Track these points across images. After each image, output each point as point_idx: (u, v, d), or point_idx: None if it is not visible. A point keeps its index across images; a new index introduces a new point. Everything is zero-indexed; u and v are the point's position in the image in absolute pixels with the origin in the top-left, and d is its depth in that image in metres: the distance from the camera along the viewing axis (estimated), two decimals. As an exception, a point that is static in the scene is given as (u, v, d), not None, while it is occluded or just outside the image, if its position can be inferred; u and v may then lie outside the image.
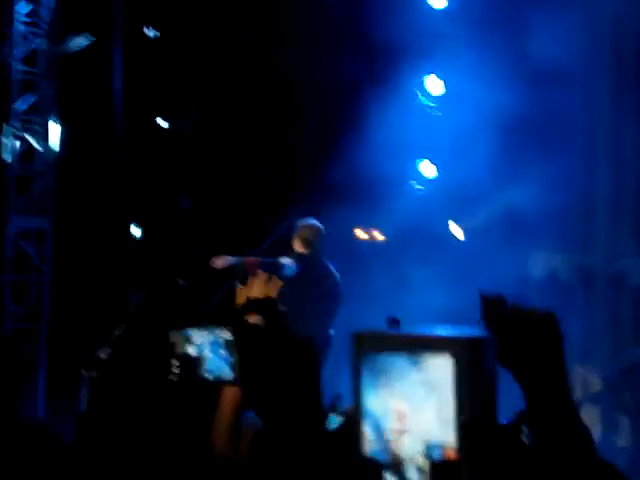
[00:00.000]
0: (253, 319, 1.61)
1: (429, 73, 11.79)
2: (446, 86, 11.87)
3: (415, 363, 1.31)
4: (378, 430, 1.32)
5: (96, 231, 11.11)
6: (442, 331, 1.35)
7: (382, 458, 1.29)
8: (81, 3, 10.96)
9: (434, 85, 11.86)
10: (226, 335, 1.74)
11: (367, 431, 1.31)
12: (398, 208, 11.87)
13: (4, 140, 10.24)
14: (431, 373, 1.31)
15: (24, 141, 10.51)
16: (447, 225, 12.18)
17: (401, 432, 1.35)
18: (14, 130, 10.36)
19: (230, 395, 2.19)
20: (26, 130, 10.49)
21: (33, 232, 10.49)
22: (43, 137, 10.58)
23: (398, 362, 1.31)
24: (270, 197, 11.37)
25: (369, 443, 1.30)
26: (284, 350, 1.53)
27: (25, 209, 10.42)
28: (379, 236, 12.95)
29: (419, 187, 12.30)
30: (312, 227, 8.16)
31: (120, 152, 10.78)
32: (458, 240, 12.13)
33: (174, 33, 11.59)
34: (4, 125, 10.24)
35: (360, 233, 12.94)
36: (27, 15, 10.52)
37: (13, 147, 10.29)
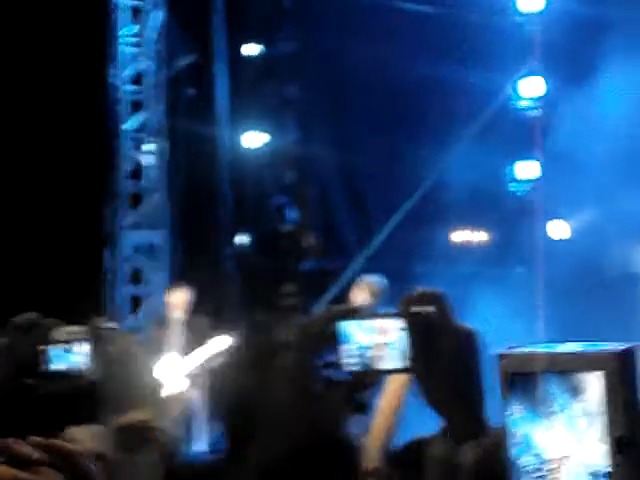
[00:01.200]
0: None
1: (526, 75, 11.74)
2: (546, 87, 11.78)
3: (573, 389, 1.26)
4: (536, 459, 1.30)
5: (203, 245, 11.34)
6: (592, 346, 1.30)
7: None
8: (184, 23, 11.19)
9: (533, 86, 11.80)
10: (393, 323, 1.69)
11: (523, 460, 1.21)
12: (499, 210, 11.82)
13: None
14: (590, 396, 1.26)
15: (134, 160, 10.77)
16: (548, 226, 12.07)
17: (561, 461, 1.29)
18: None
19: (398, 384, 2.22)
20: (136, 149, 10.74)
21: (146, 247, 10.73)
22: (152, 154, 10.82)
23: (554, 387, 1.21)
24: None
25: (526, 474, 1.20)
26: (452, 339, 1.51)
27: (137, 225, 10.68)
28: (478, 238, 12.90)
29: (519, 189, 12.24)
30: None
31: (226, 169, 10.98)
32: (561, 240, 12.02)
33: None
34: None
35: (459, 236, 12.91)
36: (133, 36, 10.77)
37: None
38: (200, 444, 9.55)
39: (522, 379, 1.20)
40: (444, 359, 1.55)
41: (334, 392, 1.64)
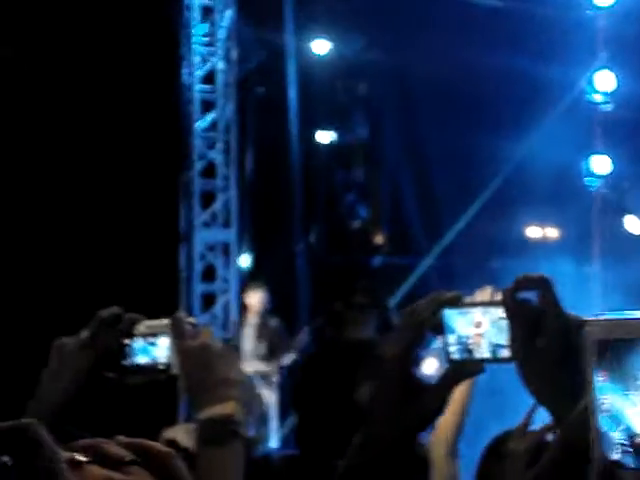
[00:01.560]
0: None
1: (600, 69, 11.61)
2: (618, 82, 11.65)
3: None
4: (628, 435, 1.22)
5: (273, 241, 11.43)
6: None
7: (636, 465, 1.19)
8: (255, 22, 11.27)
9: (606, 80, 11.67)
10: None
11: (615, 435, 1.14)
12: (574, 205, 11.70)
13: None
14: None
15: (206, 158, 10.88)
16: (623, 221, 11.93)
17: None
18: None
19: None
20: (208, 147, 10.85)
21: (219, 245, 10.83)
22: (223, 153, 10.92)
23: None
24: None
25: (618, 447, 1.13)
26: (562, 328, 1.45)
27: (210, 223, 10.79)
28: (553, 233, 12.79)
29: (593, 184, 12.10)
30: None
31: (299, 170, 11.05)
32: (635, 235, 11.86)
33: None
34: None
35: (533, 231, 12.81)
36: (204, 35, 10.87)
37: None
38: (272, 442, 9.64)
39: (610, 347, 1.11)
40: (552, 347, 1.51)
41: (432, 389, 1.61)
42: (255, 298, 9.19)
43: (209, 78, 10.99)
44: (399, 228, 12.22)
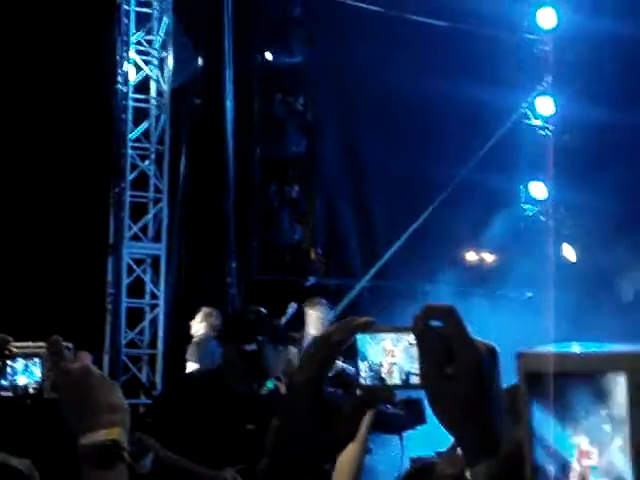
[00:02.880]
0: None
1: (541, 94, 11.77)
2: (556, 107, 11.81)
3: (599, 393, 1.20)
4: (558, 466, 1.24)
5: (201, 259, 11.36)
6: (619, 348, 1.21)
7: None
8: (191, 30, 11.21)
9: (546, 105, 11.83)
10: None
11: (548, 468, 1.15)
12: (508, 230, 11.81)
13: None
14: (617, 403, 1.19)
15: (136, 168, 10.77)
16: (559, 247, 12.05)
17: (585, 470, 1.24)
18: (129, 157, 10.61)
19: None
20: (140, 158, 10.75)
21: (148, 259, 10.72)
22: (155, 164, 10.83)
23: (578, 390, 1.15)
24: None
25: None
26: (471, 354, 1.47)
27: (139, 236, 10.67)
28: (489, 258, 12.89)
29: (529, 209, 12.24)
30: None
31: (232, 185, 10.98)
32: (571, 262, 12.00)
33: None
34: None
35: (470, 255, 12.90)
36: (139, 43, 10.79)
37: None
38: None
39: (542, 380, 1.13)
40: (461, 374, 1.52)
41: (346, 410, 1.61)
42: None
43: (143, 87, 10.90)
44: (334, 248, 12.22)
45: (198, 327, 9.16)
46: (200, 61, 11.37)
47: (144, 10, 10.82)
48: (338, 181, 11.99)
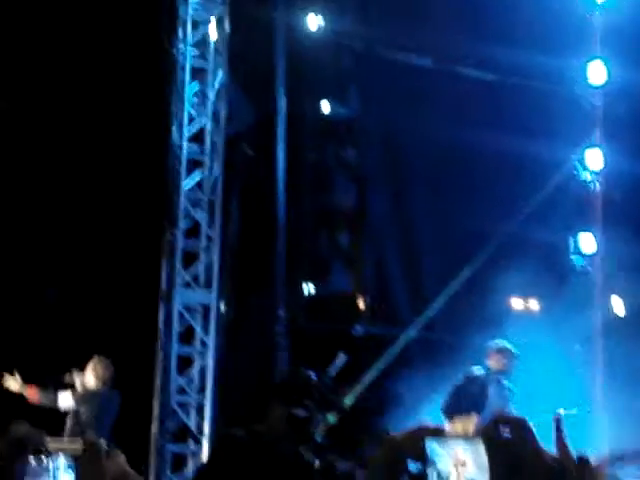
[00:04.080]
0: None
1: (590, 147, 11.91)
2: (605, 160, 11.96)
3: None
4: None
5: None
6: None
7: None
8: (245, 82, 11.59)
9: (595, 159, 11.99)
10: None
11: None
12: (557, 279, 11.93)
13: None
14: None
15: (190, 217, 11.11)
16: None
17: None
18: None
19: None
20: (193, 207, 11.09)
21: (198, 306, 11.03)
22: (207, 213, 11.16)
23: None
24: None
25: None
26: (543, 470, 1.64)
27: (191, 284, 10.99)
28: (536, 309, 13.00)
29: (578, 261, 12.34)
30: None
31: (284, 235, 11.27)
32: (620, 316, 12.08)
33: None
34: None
35: (518, 306, 13.03)
36: (194, 95, 11.17)
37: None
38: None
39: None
40: None
41: None
42: None
43: (197, 137, 11.26)
44: (382, 297, 12.44)
45: (89, 377, 9.22)
46: (253, 112, 11.74)
47: (199, 63, 11.22)
48: (387, 231, 12.25)
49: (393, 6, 11.41)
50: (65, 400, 9.05)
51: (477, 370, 6.73)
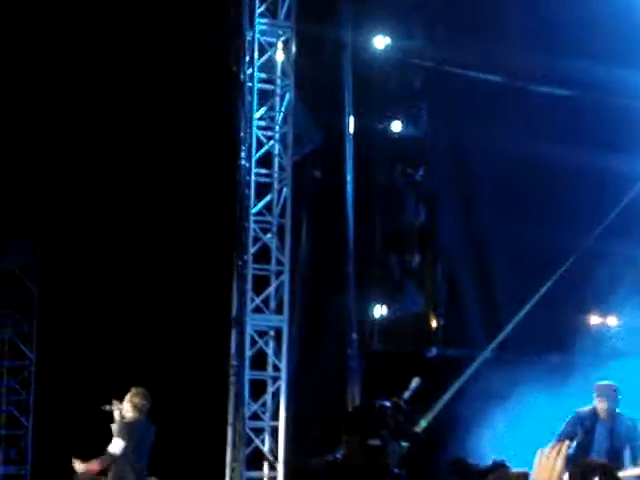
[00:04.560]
0: None
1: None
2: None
3: None
4: None
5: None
6: None
7: None
8: (313, 105, 11.64)
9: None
10: None
11: None
12: (634, 295, 11.75)
13: None
14: None
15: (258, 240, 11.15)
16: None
17: None
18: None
19: None
20: (262, 231, 11.13)
21: (270, 330, 11.06)
22: (277, 237, 11.19)
23: None
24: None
25: None
26: None
27: (262, 308, 11.02)
28: (614, 324, 12.83)
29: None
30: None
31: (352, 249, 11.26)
32: None
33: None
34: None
35: (595, 322, 12.87)
36: (260, 119, 11.22)
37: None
38: None
39: None
40: None
41: None
42: None
43: (265, 161, 11.30)
44: (454, 317, 12.38)
45: (126, 408, 9.46)
46: (321, 134, 11.78)
47: (266, 87, 11.28)
48: (458, 250, 12.19)
49: (462, 24, 11.37)
50: (116, 446, 9.27)
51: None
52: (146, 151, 11.53)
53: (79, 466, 9.28)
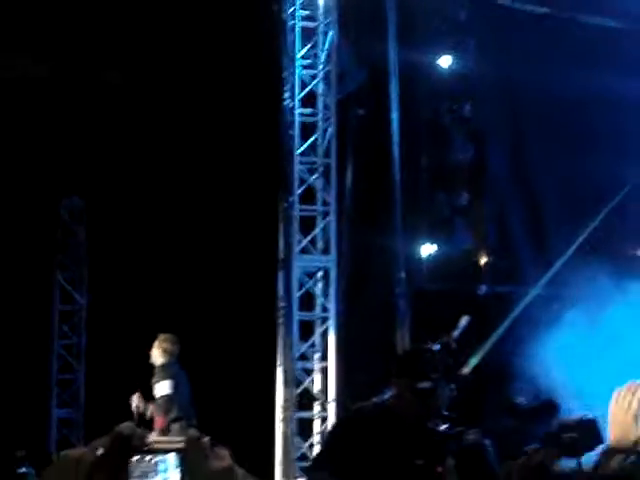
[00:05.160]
0: None
1: None
2: None
3: None
4: None
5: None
6: None
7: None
8: (356, 41, 11.55)
9: None
10: None
11: None
12: None
13: None
14: None
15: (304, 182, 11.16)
16: None
17: None
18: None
19: None
20: (307, 172, 11.13)
21: (318, 271, 11.11)
22: (322, 177, 11.19)
23: None
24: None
25: None
26: None
27: (309, 249, 11.06)
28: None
29: None
30: None
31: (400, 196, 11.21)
32: None
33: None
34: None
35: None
36: (303, 58, 11.16)
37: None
38: None
39: None
40: None
41: None
42: None
43: (309, 101, 11.27)
44: (504, 255, 12.33)
45: (156, 354, 9.66)
46: (365, 70, 11.69)
47: (309, 24, 11.20)
48: (507, 186, 12.10)
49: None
50: (164, 387, 9.44)
51: None
52: (189, 95, 11.53)
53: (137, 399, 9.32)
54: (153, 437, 2.46)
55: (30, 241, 13.15)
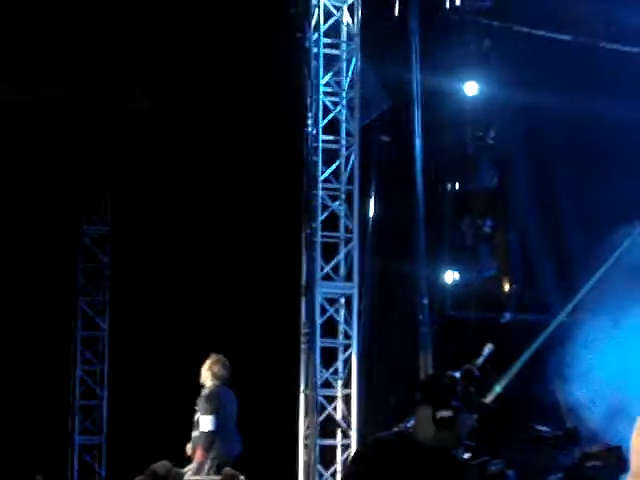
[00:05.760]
0: None
1: None
2: None
3: None
4: None
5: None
6: None
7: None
8: (379, 68, 11.65)
9: None
10: None
11: None
12: None
13: None
14: None
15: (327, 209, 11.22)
16: None
17: None
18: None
19: None
20: (330, 198, 11.20)
21: (340, 298, 11.15)
22: (345, 204, 11.25)
23: None
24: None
25: None
26: None
27: (331, 276, 11.11)
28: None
29: None
30: None
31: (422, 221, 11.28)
32: None
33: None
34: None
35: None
36: (327, 85, 11.26)
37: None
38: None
39: None
40: None
41: None
42: None
43: (332, 128, 11.34)
44: (529, 282, 12.35)
45: (205, 376, 9.62)
46: (388, 97, 11.78)
47: (332, 52, 11.30)
48: (531, 214, 12.15)
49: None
50: (207, 423, 9.44)
51: None
52: (213, 121, 11.66)
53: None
54: (188, 476, 2.52)
55: (52, 267, 13.29)
